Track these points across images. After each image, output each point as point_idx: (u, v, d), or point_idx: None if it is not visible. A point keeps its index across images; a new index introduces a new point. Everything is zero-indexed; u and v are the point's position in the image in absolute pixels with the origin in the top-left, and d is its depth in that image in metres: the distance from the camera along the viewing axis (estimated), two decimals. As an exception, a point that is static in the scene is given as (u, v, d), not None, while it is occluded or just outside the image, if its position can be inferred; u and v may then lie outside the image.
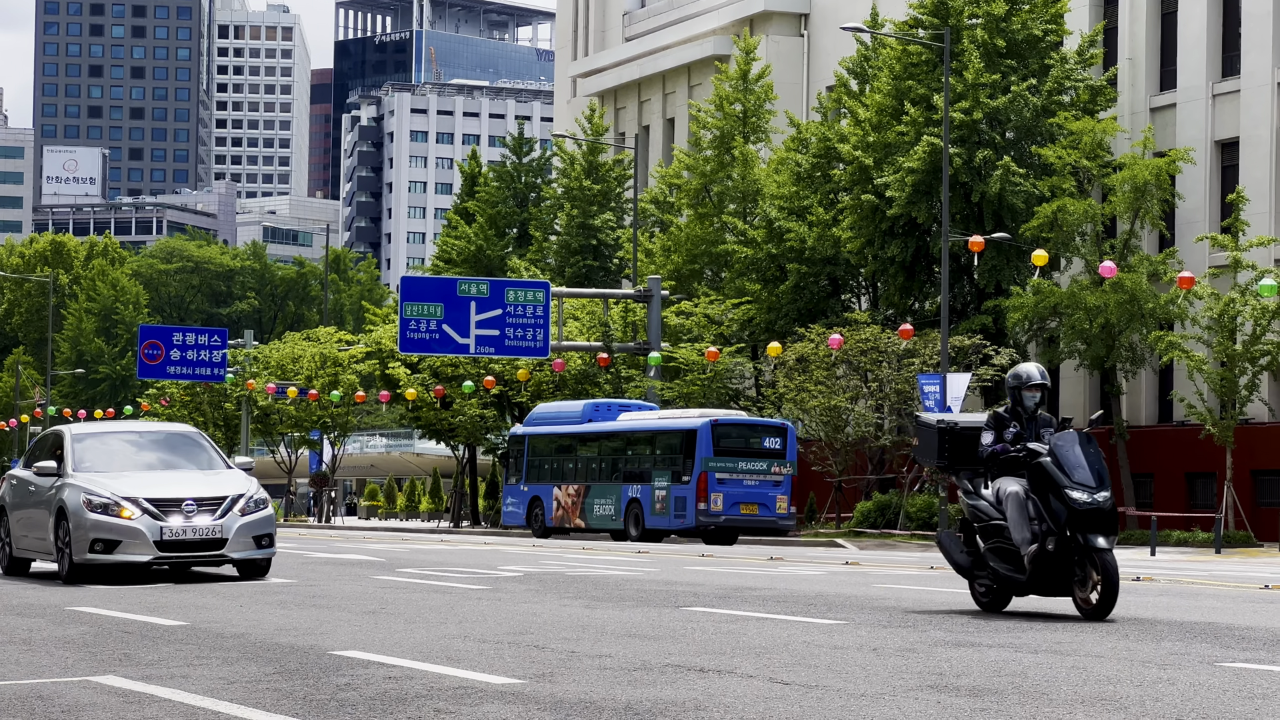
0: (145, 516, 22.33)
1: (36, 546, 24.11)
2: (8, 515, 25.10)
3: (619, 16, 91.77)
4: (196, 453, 24.27)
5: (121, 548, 22.39)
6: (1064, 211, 53.47)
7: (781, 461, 52.38)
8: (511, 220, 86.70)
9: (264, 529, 23.17)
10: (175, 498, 22.54)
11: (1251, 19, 57.63)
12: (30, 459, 25.01)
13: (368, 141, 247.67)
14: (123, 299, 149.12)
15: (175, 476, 23.27)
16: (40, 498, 23.78)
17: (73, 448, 23.66)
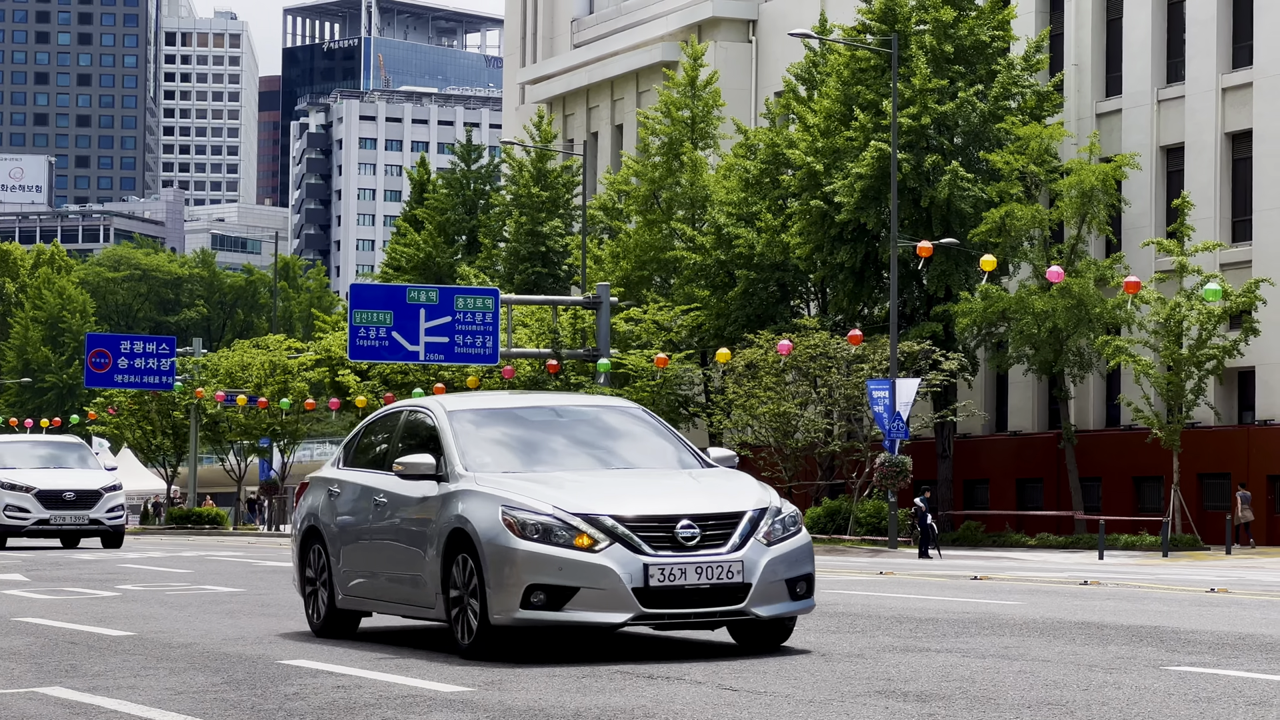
0: (618, 547, 12.95)
1: (388, 594, 14.63)
2: (326, 547, 15.51)
3: (567, 23, 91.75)
4: (642, 437, 14.87)
5: (578, 601, 12.98)
6: (1012, 217, 53.65)
7: None
8: (460, 227, 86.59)
9: (800, 567, 13.51)
10: (666, 514, 13.11)
11: (1196, 25, 57.94)
12: (367, 451, 15.58)
13: (316, 149, 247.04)
14: (70, 307, 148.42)
15: (625, 479, 14.00)
16: (399, 519, 14.47)
17: (454, 431, 14.34)
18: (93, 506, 41.27)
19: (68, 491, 41.10)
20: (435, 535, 13.71)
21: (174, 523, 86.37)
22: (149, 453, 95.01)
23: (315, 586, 15.70)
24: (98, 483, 41.69)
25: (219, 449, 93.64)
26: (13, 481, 41.30)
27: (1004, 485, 63.05)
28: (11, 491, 41.15)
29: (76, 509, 41.09)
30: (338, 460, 16.06)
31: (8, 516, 41.02)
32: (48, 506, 40.94)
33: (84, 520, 41.10)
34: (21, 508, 40.83)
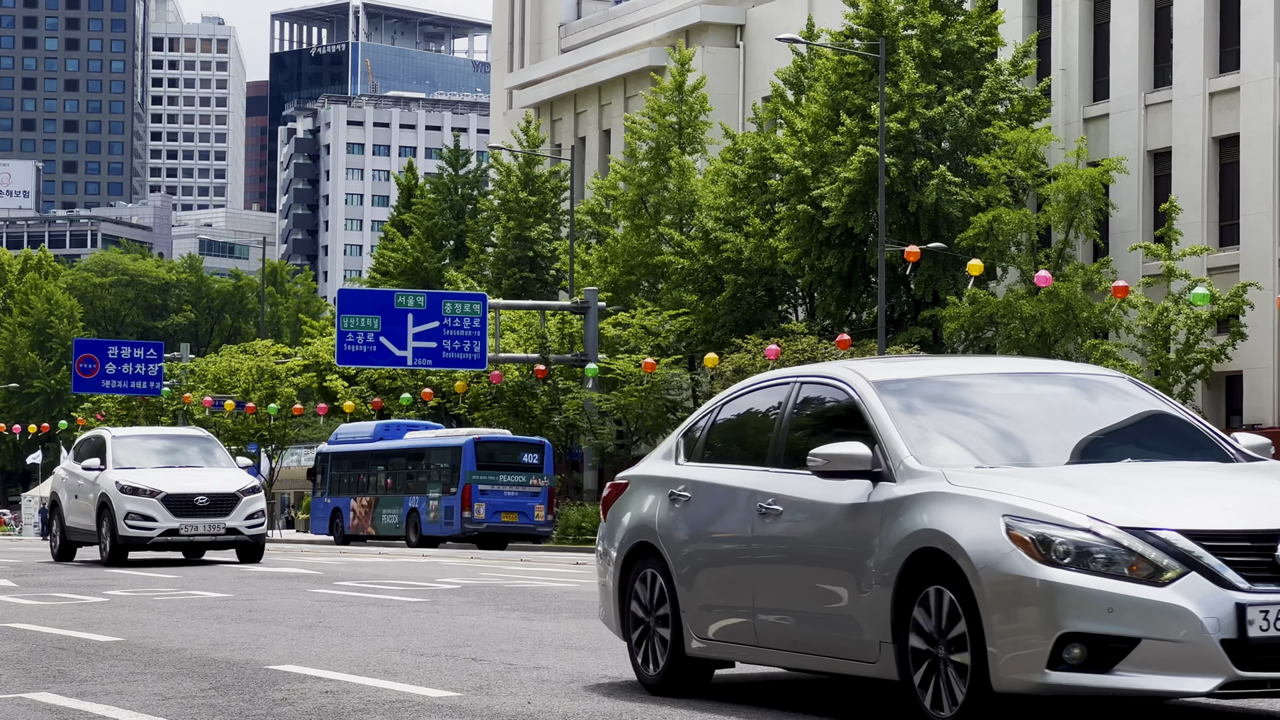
0: (1196, 577, 9.47)
1: (781, 638, 10.83)
2: (669, 573, 11.69)
3: (555, 28, 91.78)
4: (1157, 420, 11.40)
5: (1136, 658, 10.06)
6: (999, 221, 53.71)
7: (539, 475, 58.48)
8: (448, 232, 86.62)
9: None
10: (1265, 528, 9.58)
11: (1183, 30, 58.03)
12: (733, 439, 11.83)
13: (304, 154, 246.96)
14: (57, 313, 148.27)
15: None
16: (808, 533, 10.73)
17: (888, 409, 10.52)
18: (229, 513, 34.07)
19: (200, 495, 33.69)
20: (880, 557, 9.72)
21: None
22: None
23: (648, 626, 11.66)
24: (234, 484, 34.02)
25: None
26: (134, 484, 33.45)
27: (992, 489, 63.04)
28: (133, 496, 33.38)
29: (210, 516, 33.87)
30: (673, 453, 12.05)
31: (130, 526, 33.16)
32: (177, 514, 33.41)
33: (219, 529, 33.78)
34: (146, 515, 33.30)
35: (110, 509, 33.35)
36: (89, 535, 34.47)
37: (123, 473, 33.78)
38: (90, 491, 34.41)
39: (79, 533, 34.97)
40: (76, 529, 35.05)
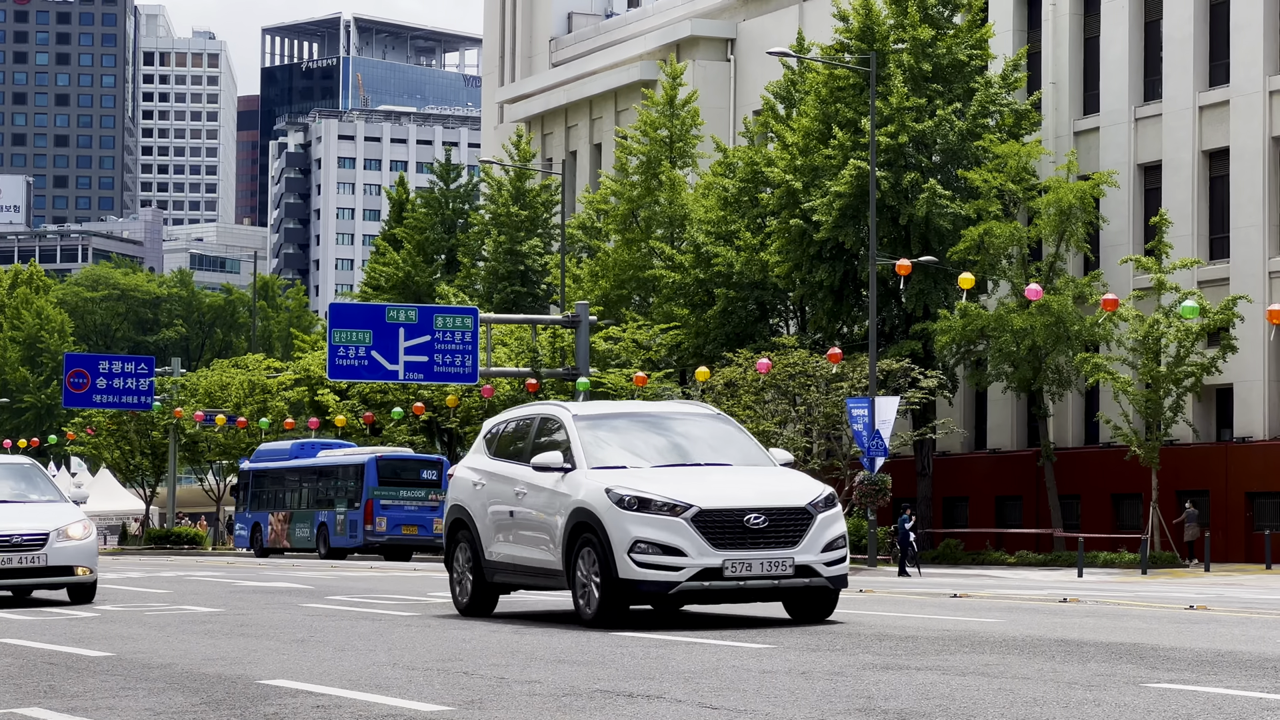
0: None
1: None
2: None
3: (546, 42, 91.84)
4: None
5: None
6: (990, 235, 53.75)
7: (438, 490, 62.80)
8: (439, 246, 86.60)
9: None
10: None
11: (1173, 43, 58.13)
12: None
13: (295, 168, 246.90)
14: (48, 327, 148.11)
15: None
16: None
17: None
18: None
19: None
20: None
21: (152, 542, 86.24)
22: (127, 473, 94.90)
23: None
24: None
25: (198, 469, 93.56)
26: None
27: (983, 503, 63.10)
28: None
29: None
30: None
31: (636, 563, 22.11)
32: None
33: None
34: None
35: None
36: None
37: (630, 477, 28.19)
38: None
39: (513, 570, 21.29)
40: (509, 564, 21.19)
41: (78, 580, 25.08)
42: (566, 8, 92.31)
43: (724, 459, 19.13)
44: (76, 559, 24.97)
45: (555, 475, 19.02)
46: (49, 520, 25.02)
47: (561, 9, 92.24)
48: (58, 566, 24.83)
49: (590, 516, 18.20)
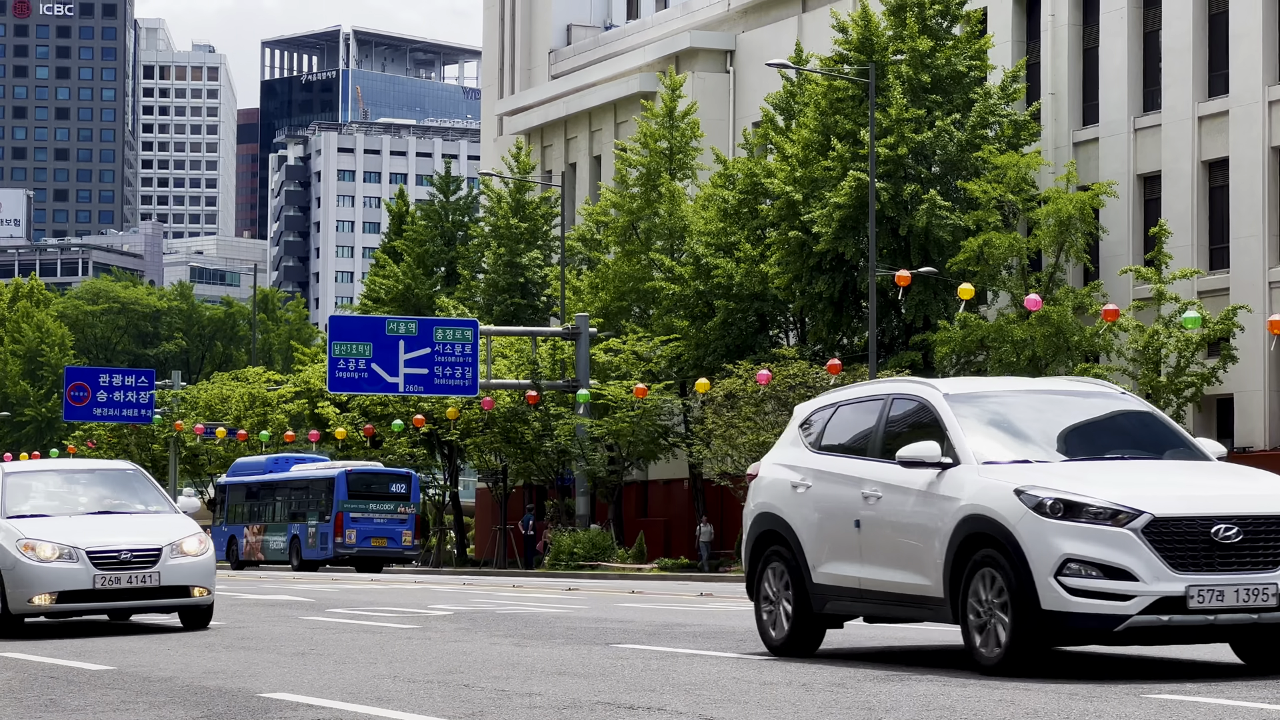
0: None
1: None
2: None
3: (545, 54, 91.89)
4: None
5: None
6: (989, 245, 53.76)
7: (406, 503, 66.37)
8: (439, 259, 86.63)
9: None
10: None
11: (1171, 54, 58.16)
12: None
13: (295, 181, 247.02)
14: (48, 341, 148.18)
15: None
16: None
17: None
18: None
19: None
20: None
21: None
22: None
23: None
24: None
25: (198, 481, 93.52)
26: None
27: (984, 514, 63.00)
28: None
29: None
30: None
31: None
32: None
33: None
34: None
35: None
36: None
37: None
38: None
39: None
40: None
41: (193, 602, 22.11)
42: (565, 20, 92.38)
43: (1147, 451, 14.75)
44: (192, 578, 21.93)
45: (929, 473, 14.50)
46: (160, 534, 22.03)
47: (560, 21, 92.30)
48: (171, 586, 21.82)
49: (992, 526, 13.65)
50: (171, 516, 22.85)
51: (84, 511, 23.01)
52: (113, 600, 21.73)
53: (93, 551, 21.54)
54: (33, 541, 21.70)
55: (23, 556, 21.61)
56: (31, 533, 21.85)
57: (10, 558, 21.68)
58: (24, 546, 21.69)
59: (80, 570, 21.47)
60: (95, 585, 21.47)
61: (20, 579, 21.51)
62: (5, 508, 22.53)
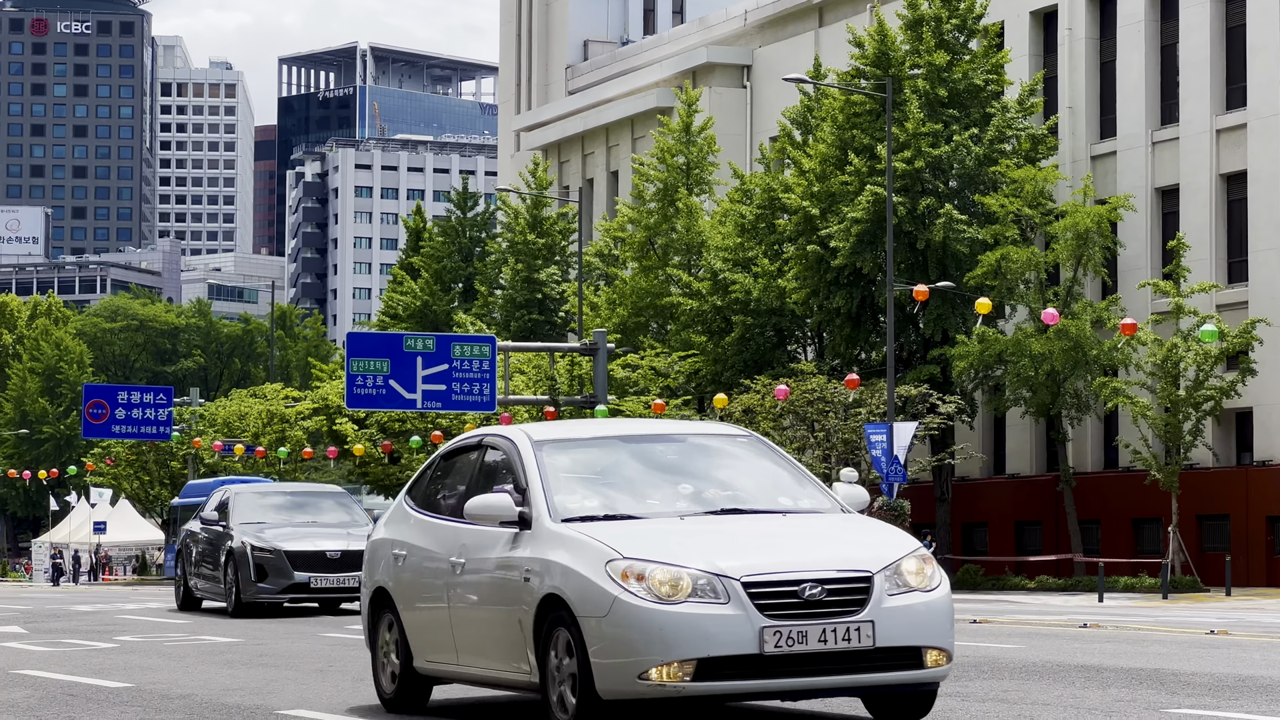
0: None
1: None
2: None
3: (562, 70, 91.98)
4: None
5: None
6: (1007, 260, 53.70)
7: None
8: (457, 275, 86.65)
9: None
10: None
11: (1189, 67, 58.09)
12: None
13: (312, 197, 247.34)
14: (67, 358, 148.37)
15: None
16: None
17: None
18: None
19: None
20: None
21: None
22: (147, 503, 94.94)
23: None
24: None
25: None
26: None
27: (1003, 528, 62.97)
28: None
29: None
30: None
31: None
32: None
33: None
34: None
35: None
36: None
37: None
38: None
39: None
40: None
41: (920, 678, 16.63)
42: (582, 35, 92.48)
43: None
44: (923, 631, 15.70)
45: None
46: (866, 548, 15.27)
47: (577, 37, 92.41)
48: (893, 649, 15.67)
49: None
50: (860, 521, 12.19)
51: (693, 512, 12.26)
52: (799, 675, 10.97)
53: (755, 581, 11.05)
54: (639, 565, 11.18)
55: (625, 591, 11.10)
56: (631, 549, 11.28)
57: (598, 594, 11.15)
58: (623, 574, 11.15)
59: (737, 619, 10.98)
60: (765, 648, 10.93)
61: (622, 636, 11.00)
62: (555, 505, 12.02)
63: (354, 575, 29.75)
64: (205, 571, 32.05)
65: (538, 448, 12.25)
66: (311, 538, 30.78)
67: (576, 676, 10.97)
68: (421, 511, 13.22)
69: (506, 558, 11.77)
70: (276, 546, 30.39)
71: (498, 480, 12.35)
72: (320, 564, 30.34)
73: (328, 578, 30.29)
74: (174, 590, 34.57)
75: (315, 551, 30.47)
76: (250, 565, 30.17)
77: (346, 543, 30.39)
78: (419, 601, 12.89)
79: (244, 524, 31.37)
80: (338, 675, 16.77)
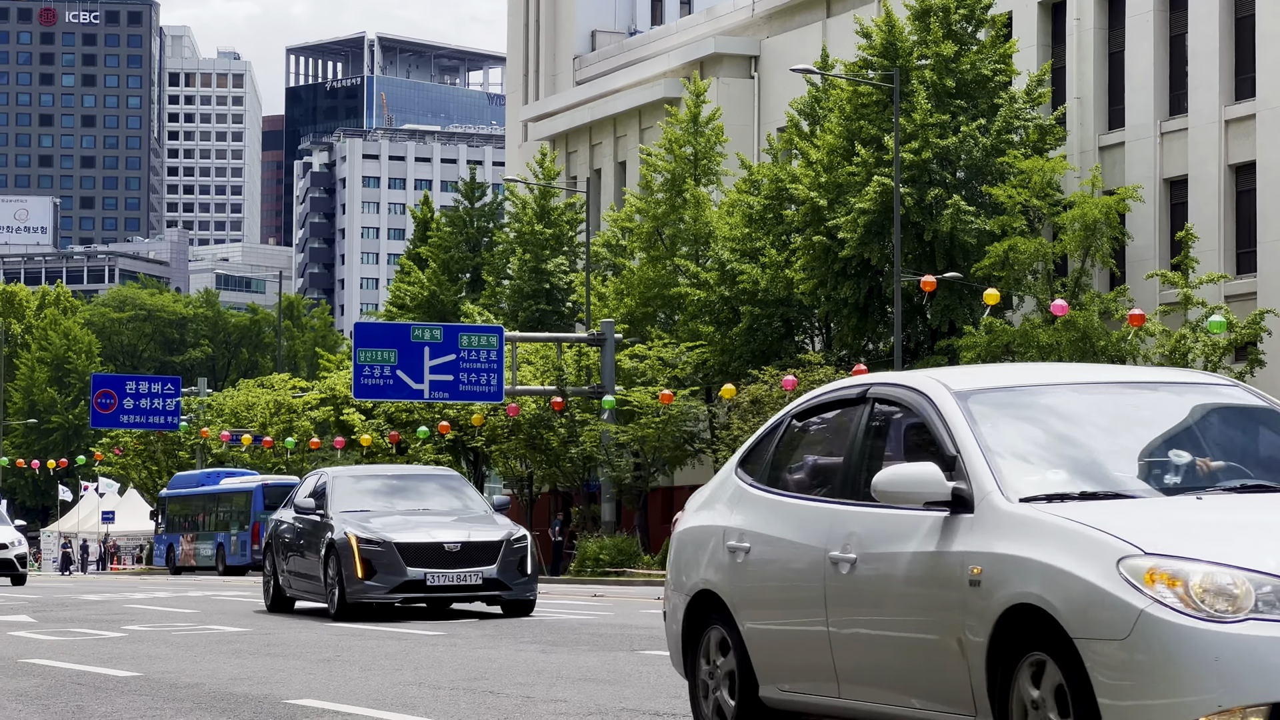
0: None
1: None
2: None
3: (569, 60, 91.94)
4: None
5: None
6: (1015, 250, 53.68)
7: None
8: (464, 265, 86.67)
9: None
10: None
11: (1198, 58, 58.02)
12: None
13: (320, 187, 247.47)
14: (75, 348, 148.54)
15: None
16: None
17: None
18: None
19: None
20: None
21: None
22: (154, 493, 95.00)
23: None
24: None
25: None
26: None
27: (1010, 519, 62.90)
28: None
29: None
30: None
31: None
32: None
33: None
34: None
35: None
36: None
37: None
38: None
39: None
40: None
41: None
42: (590, 26, 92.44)
43: None
44: None
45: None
46: None
47: (585, 27, 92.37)
48: None
49: None
50: None
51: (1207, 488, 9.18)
52: None
53: None
54: (1174, 565, 7.65)
55: (1155, 602, 7.54)
56: (1154, 543, 7.79)
57: (1111, 606, 7.65)
58: (1148, 577, 7.61)
59: None
60: None
61: (1157, 669, 7.48)
62: (1004, 479, 8.66)
63: (476, 571, 25.88)
64: (298, 569, 27.68)
65: (962, 400, 8.90)
66: (425, 528, 26.42)
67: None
68: (770, 490, 9.95)
69: (934, 552, 8.46)
70: (386, 538, 25.94)
71: (900, 446, 9.21)
72: (437, 558, 25.96)
73: (446, 574, 25.91)
74: (262, 589, 30.33)
75: (431, 544, 26.05)
76: (355, 560, 25.74)
77: (467, 532, 26.23)
78: (773, 610, 9.62)
79: (346, 512, 26.88)
80: (345, 664, 16.79)
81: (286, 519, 28.27)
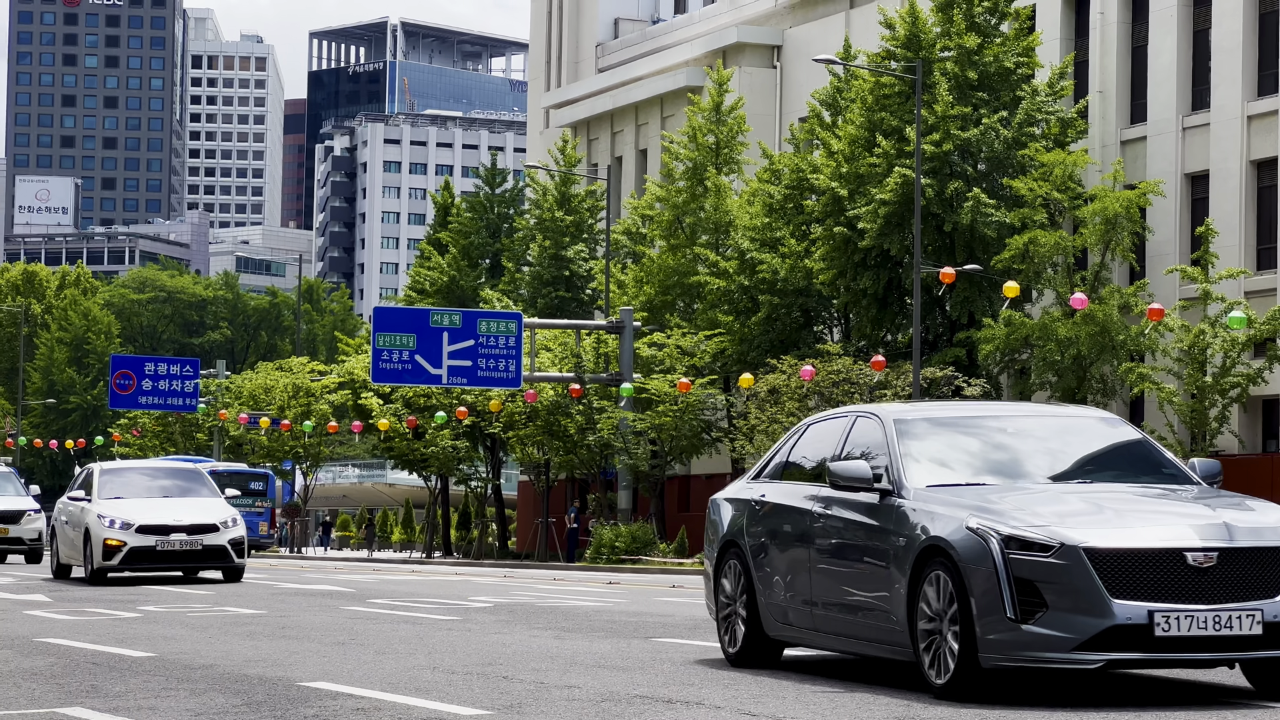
0: None
1: None
2: None
3: (592, 48, 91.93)
4: None
5: None
6: (1035, 243, 53.61)
7: (263, 498, 78.01)
8: (484, 251, 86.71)
9: None
10: None
11: (1221, 53, 57.91)
12: None
13: (341, 171, 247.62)
14: (94, 329, 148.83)
15: None
16: None
17: None
18: None
19: None
20: None
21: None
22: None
23: None
24: None
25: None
26: None
27: (1027, 512, 62.82)
28: None
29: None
30: None
31: None
32: None
33: None
34: None
35: None
36: None
37: None
38: None
39: None
40: None
41: None
42: (613, 13, 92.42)
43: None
44: None
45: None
46: None
47: (608, 15, 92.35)
48: None
49: None
50: None
51: None
52: None
53: None
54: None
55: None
56: None
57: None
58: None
59: None
60: None
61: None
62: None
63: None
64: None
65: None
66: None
67: None
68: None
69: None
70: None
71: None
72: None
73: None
74: None
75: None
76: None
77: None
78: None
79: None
80: (359, 648, 16.85)
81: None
